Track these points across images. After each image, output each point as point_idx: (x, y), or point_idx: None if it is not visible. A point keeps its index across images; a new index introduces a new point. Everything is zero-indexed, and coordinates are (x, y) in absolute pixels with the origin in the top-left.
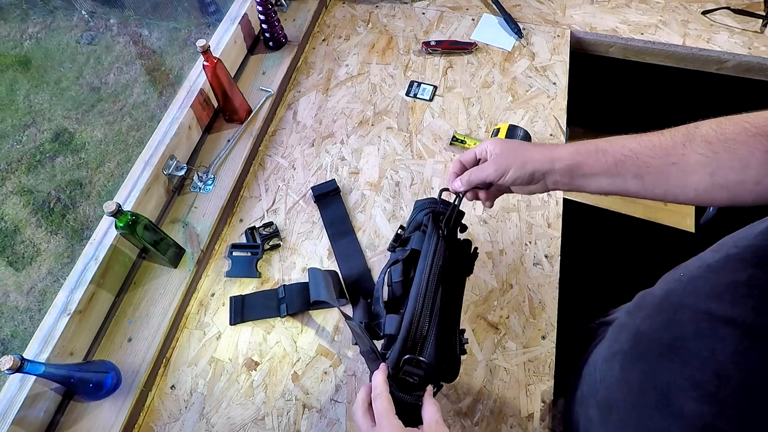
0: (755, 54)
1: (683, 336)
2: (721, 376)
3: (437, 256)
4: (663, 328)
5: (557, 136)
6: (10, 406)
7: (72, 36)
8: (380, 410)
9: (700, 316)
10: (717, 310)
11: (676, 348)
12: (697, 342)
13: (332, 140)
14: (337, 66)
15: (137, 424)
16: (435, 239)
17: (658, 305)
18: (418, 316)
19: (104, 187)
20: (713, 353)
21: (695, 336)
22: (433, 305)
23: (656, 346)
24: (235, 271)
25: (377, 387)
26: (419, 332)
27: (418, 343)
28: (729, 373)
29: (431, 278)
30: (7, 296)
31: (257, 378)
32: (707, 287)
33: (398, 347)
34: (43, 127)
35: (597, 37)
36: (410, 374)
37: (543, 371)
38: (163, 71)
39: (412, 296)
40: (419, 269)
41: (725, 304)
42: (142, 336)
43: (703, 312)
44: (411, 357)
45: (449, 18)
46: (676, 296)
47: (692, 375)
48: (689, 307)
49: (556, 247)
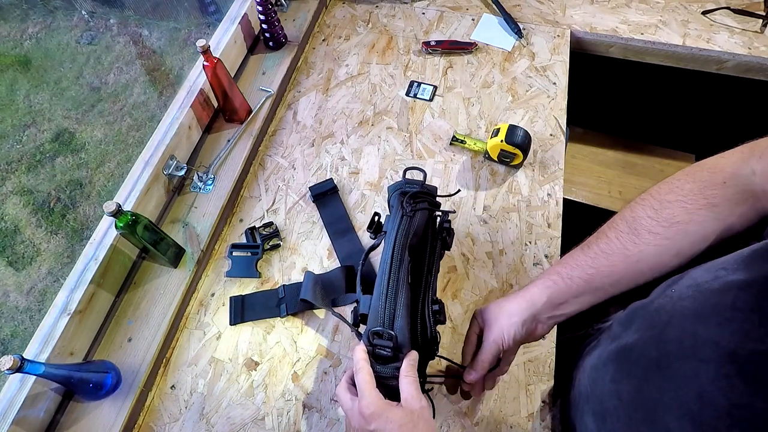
0: (755, 54)
1: (669, 354)
2: (704, 397)
3: (400, 234)
4: (651, 345)
5: (557, 136)
6: (10, 406)
7: (72, 36)
8: (361, 383)
9: (686, 336)
10: (702, 332)
11: (662, 366)
12: (682, 362)
13: (332, 140)
14: (337, 66)
15: (137, 424)
16: (399, 218)
17: (648, 321)
18: (384, 292)
19: (104, 187)
20: (697, 374)
21: (680, 356)
22: (398, 280)
23: (645, 362)
24: (235, 271)
25: (358, 362)
26: (388, 307)
27: (389, 317)
28: (711, 396)
29: (395, 256)
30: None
31: (257, 378)
32: (694, 307)
33: (369, 323)
34: (43, 127)
35: (597, 37)
36: (382, 347)
37: (543, 371)
38: (163, 71)
39: (378, 274)
40: (384, 248)
41: (711, 327)
42: (142, 336)
43: (690, 333)
44: (378, 329)
45: (449, 18)
46: (665, 314)
47: (677, 394)
48: (677, 326)
49: (556, 247)
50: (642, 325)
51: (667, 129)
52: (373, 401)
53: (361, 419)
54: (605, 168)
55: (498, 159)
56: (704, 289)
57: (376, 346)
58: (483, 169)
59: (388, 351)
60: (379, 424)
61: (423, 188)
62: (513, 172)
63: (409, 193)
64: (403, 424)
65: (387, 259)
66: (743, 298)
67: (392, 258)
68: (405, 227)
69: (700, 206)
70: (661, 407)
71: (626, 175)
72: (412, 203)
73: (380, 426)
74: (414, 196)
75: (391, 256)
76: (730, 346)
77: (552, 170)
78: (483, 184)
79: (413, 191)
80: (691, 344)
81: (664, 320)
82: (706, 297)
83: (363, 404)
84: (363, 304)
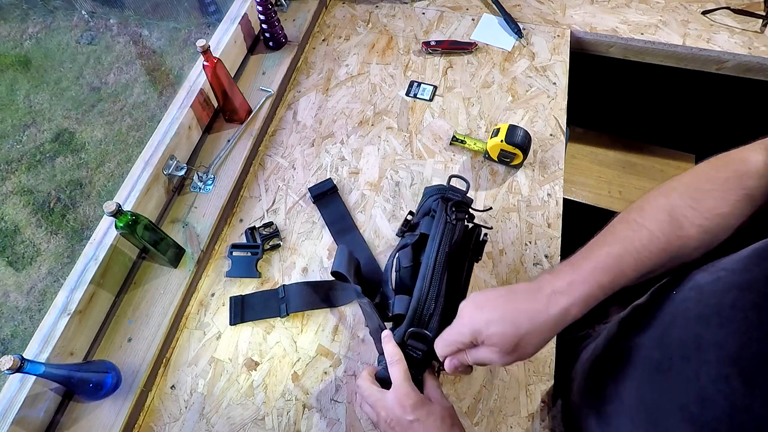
0: (755, 54)
1: (671, 356)
2: (705, 399)
3: (444, 240)
4: (653, 346)
5: (557, 136)
6: (10, 406)
7: (72, 36)
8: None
9: (688, 337)
10: (704, 333)
11: (663, 369)
12: (684, 364)
13: (332, 140)
14: (337, 66)
15: (137, 424)
16: (443, 224)
17: (650, 322)
18: (425, 296)
19: (104, 187)
20: (698, 376)
21: (682, 358)
22: (439, 287)
23: (646, 363)
24: (235, 271)
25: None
26: (426, 311)
27: (424, 321)
28: (712, 397)
29: (438, 261)
30: (7, 296)
31: (257, 378)
32: (697, 309)
33: (405, 324)
34: (43, 127)
35: (597, 37)
36: (414, 348)
37: (543, 371)
38: (163, 71)
39: (420, 277)
40: (427, 252)
41: (712, 328)
42: (142, 336)
43: (692, 334)
44: (416, 330)
45: (449, 18)
46: (668, 316)
47: (678, 397)
48: (679, 327)
49: (556, 247)
50: (644, 326)
51: (667, 129)
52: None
53: (400, 409)
54: (605, 168)
55: (498, 159)
56: (706, 291)
57: (408, 347)
58: (483, 169)
59: (420, 354)
60: (421, 415)
61: (464, 199)
62: (513, 172)
63: (454, 201)
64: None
65: (430, 264)
66: (743, 298)
67: (435, 263)
68: (450, 235)
69: (738, 197)
70: (661, 409)
71: (626, 175)
72: (455, 212)
73: (422, 416)
74: (458, 204)
75: (434, 261)
76: (730, 347)
77: (552, 170)
78: (483, 184)
79: (457, 200)
80: (693, 346)
81: (667, 322)
82: (708, 298)
83: (402, 394)
84: (399, 305)
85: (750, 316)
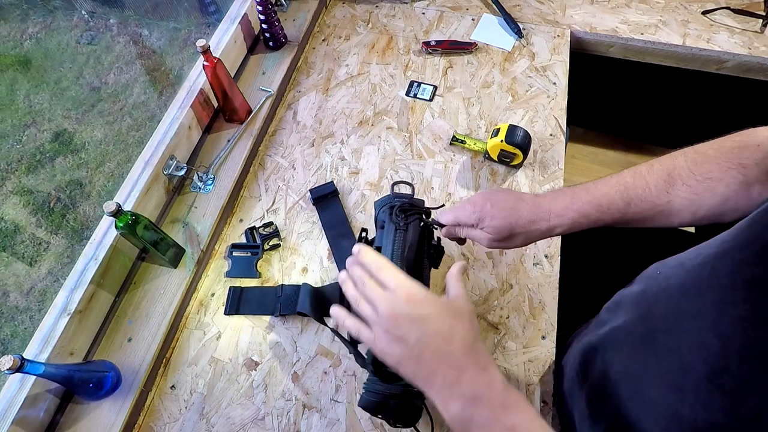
0: (755, 54)
1: (655, 330)
2: (686, 367)
3: (396, 247)
4: (638, 323)
5: (557, 135)
6: (10, 406)
7: (72, 36)
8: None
9: (670, 311)
10: (685, 305)
11: (647, 341)
12: (666, 336)
13: (332, 140)
14: (337, 66)
15: (137, 424)
16: (392, 232)
17: (635, 303)
18: None
19: (104, 187)
20: (679, 346)
21: (664, 330)
22: None
23: (631, 340)
24: (235, 271)
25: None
26: None
27: None
28: (692, 364)
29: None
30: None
31: (257, 378)
32: (678, 283)
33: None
34: (43, 127)
35: (597, 37)
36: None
37: (543, 371)
38: (163, 71)
39: None
40: None
41: (692, 299)
42: (142, 336)
43: (674, 307)
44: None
45: (449, 18)
46: (651, 293)
47: (661, 367)
48: (662, 303)
49: (556, 247)
50: (629, 308)
51: (667, 129)
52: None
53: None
54: (605, 168)
55: (498, 159)
56: (686, 266)
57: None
58: (483, 169)
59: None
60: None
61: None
62: (513, 172)
63: (398, 206)
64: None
65: None
66: (719, 267)
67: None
68: (400, 241)
69: (732, 165)
70: (645, 380)
71: None
72: (403, 216)
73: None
74: (403, 209)
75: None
76: (708, 315)
77: (552, 170)
78: (483, 184)
79: (401, 204)
80: (675, 318)
81: (651, 300)
82: (688, 272)
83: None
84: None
85: (724, 282)
